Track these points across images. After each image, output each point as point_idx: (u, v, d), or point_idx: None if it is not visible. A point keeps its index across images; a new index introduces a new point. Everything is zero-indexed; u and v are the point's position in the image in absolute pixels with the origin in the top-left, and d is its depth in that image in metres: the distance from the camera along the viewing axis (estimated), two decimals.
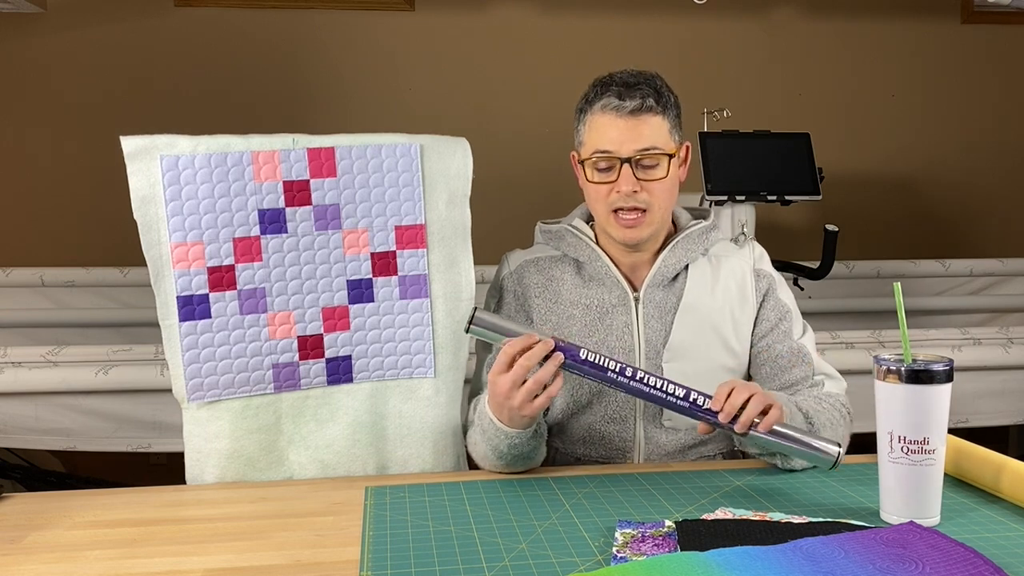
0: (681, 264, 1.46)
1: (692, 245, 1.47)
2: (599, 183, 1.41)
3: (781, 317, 1.47)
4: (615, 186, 1.39)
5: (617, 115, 1.38)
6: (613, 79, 1.41)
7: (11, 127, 3.35)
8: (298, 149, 1.35)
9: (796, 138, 2.83)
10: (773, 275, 1.51)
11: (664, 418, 1.43)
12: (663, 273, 1.45)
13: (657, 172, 1.39)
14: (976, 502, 1.18)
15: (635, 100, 1.37)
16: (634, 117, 1.37)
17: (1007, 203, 3.84)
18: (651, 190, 1.39)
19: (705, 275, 1.47)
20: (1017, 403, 2.52)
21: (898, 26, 3.72)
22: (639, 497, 1.21)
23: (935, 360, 1.08)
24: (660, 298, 1.45)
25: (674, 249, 1.46)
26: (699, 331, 1.44)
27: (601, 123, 1.39)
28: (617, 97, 1.38)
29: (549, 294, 1.48)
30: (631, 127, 1.37)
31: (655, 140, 1.38)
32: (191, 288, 1.32)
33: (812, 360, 1.45)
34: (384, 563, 1.01)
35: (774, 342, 1.46)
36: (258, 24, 3.43)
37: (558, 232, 1.52)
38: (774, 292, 1.49)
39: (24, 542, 1.10)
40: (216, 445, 1.36)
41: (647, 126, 1.38)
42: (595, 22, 3.56)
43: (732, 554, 0.96)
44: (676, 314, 1.44)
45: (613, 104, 1.38)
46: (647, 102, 1.38)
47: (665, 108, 1.40)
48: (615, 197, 1.39)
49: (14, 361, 2.20)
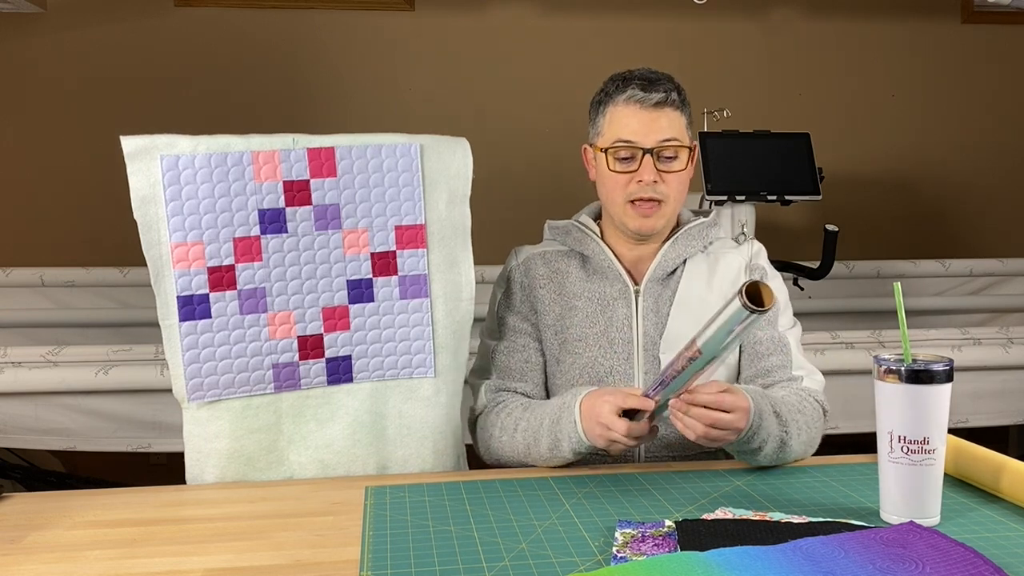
0: (680, 258, 1.50)
1: (692, 240, 1.51)
2: (620, 172, 1.45)
3: None
4: (636, 175, 1.44)
5: (641, 107, 1.43)
6: (634, 74, 1.46)
7: (11, 127, 3.35)
8: (298, 149, 1.35)
9: (796, 138, 2.83)
10: (767, 268, 1.54)
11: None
12: (663, 267, 1.49)
13: (676, 164, 1.45)
14: (976, 502, 1.18)
15: (659, 93, 1.43)
16: (657, 109, 1.43)
17: (1007, 203, 3.84)
18: (669, 182, 1.45)
19: (702, 270, 1.51)
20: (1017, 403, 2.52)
21: (898, 26, 3.72)
22: (639, 497, 1.21)
23: (935, 360, 1.08)
24: (658, 291, 1.49)
25: (675, 243, 1.50)
26: (694, 321, 1.45)
27: (624, 114, 1.44)
28: (641, 90, 1.43)
29: (554, 285, 1.52)
30: (653, 119, 1.43)
31: (675, 132, 1.44)
32: (191, 288, 1.32)
33: (791, 352, 1.47)
34: (384, 563, 1.01)
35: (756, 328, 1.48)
36: (258, 24, 3.43)
37: (564, 228, 1.56)
38: None
39: (24, 542, 1.10)
40: (216, 445, 1.36)
41: (668, 119, 1.44)
42: (595, 22, 3.56)
43: (732, 554, 0.96)
44: (672, 307, 1.48)
45: (637, 96, 1.43)
46: (670, 96, 1.44)
47: (683, 104, 1.47)
48: (635, 187, 1.44)
49: (14, 361, 2.20)
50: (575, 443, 1.31)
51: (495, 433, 1.42)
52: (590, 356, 1.47)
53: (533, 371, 1.51)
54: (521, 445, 1.38)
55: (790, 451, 1.32)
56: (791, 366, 1.46)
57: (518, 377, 1.50)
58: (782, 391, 1.42)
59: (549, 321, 1.51)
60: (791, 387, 1.43)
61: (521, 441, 1.38)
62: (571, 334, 1.48)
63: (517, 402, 1.45)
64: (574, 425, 1.31)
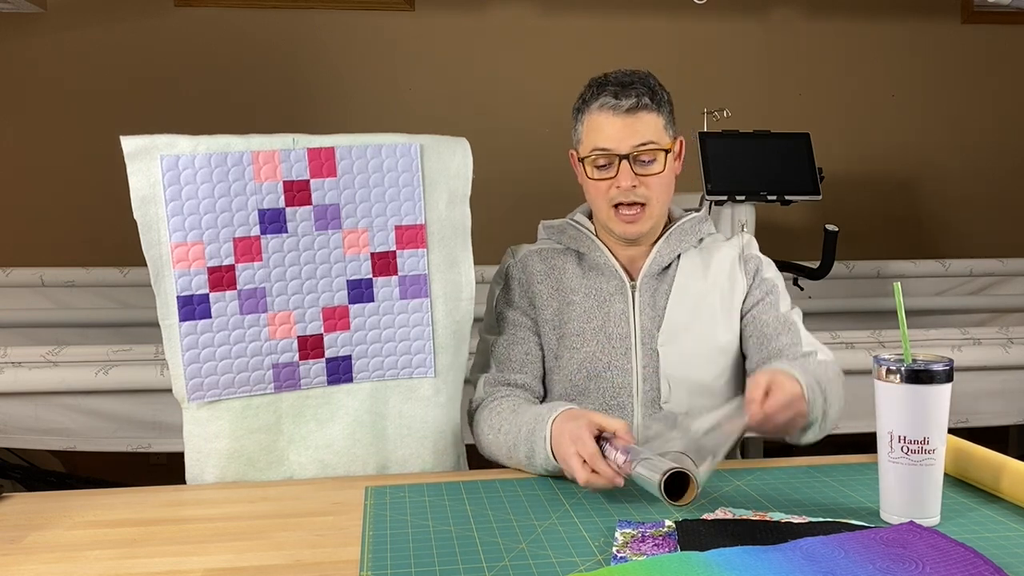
0: (675, 254, 1.52)
1: (685, 236, 1.53)
2: (599, 179, 1.47)
3: (767, 292, 1.53)
4: (614, 182, 1.45)
5: (614, 113, 1.44)
6: (608, 79, 1.47)
7: (11, 127, 3.35)
8: (298, 149, 1.35)
9: (796, 138, 2.83)
10: (760, 257, 1.57)
11: (662, 400, 1.46)
12: (658, 262, 1.51)
13: (654, 167, 1.45)
14: (976, 502, 1.18)
15: (631, 99, 1.43)
16: (630, 115, 1.43)
17: (1007, 203, 3.84)
18: (649, 184, 1.45)
19: (696, 264, 1.53)
20: (1017, 403, 2.52)
21: (898, 26, 3.72)
22: (639, 497, 1.21)
23: (935, 360, 1.08)
24: (654, 286, 1.51)
25: (668, 239, 1.52)
26: (692, 313, 1.50)
27: (599, 122, 1.45)
28: (613, 96, 1.43)
29: (552, 281, 1.53)
30: (627, 124, 1.43)
31: (651, 136, 1.44)
32: (191, 288, 1.32)
33: (799, 330, 1.49)
34: (384, 563, 1.01)
35: (759, 313, 1.51)
36: (258, 24, 3.43)
37: (560, 226, 1.58)
38: (760, 271, 1.55)
39: (24, 542, 1.10)
40: (216, 445, 1.36)
41: (643, 123, 1.44)
42: (595, 22, 3.56)
43: (732, 554, 0.96)
44: (668, 299, 1.49)
45: (610, 103, 1.44)
46: (642, 100, 1.44)
47: (659, 105, 1.46)
48: (615, 192, 1.45)
49: (14, 361, 2.20)
50: (543, 460, 1.28)
51: (484, 430, 1.42)
52: (588, 351, 1.47)
53: (533, 363, 1.50)
54: (504, 448, 1.36)
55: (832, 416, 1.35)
56: (801, 343, 1.47)
57: (518, 368, 1.49)
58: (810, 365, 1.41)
59: (547, 316, 1.51)
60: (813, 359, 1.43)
61: (504, 444, 1.36)
62: (569, 329, 1.49)
63: (508, 403, 1.41)
64: (544, 441, 1.27)
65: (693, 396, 1.47)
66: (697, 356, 1.48)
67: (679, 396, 1.46)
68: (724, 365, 1.50)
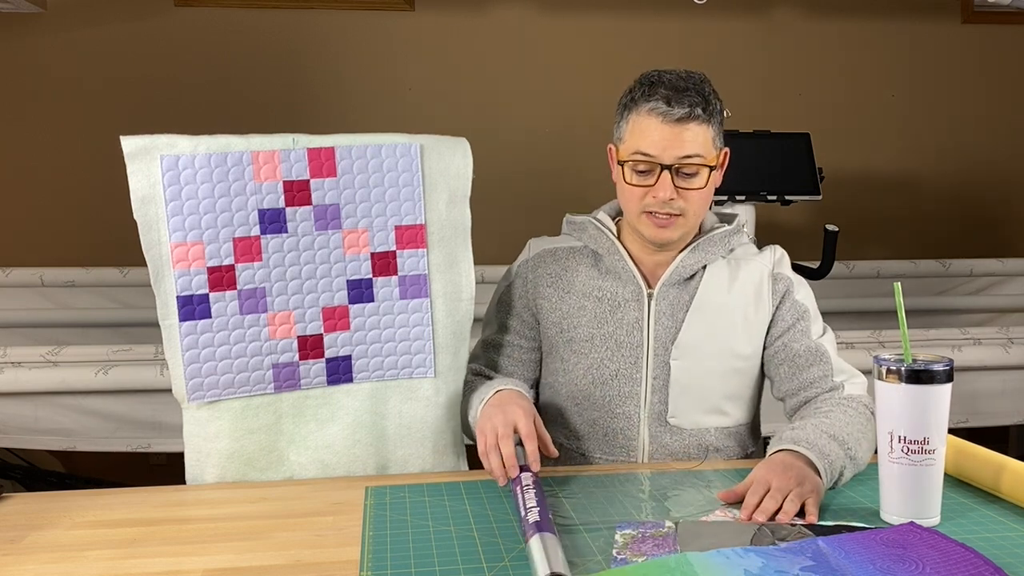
0: (700, 264, 1.46)
1: (713, 248, 1.46)
2: (636, 185, 1.39)
3: (798, 317, 1.46)
4: (652, 191, 1.38)
5: (663, 120, 1.36)
6: (662, 80, 1.38)
7: (11, 127, 3.35)
8: (298, 149, 1.35)
9: (796, 138, 2.83)
10: (792, 278, 1.49)
11: (669, 415, 1.44)
12: (680, 272, 1.45)
13: (696, 181, 1.38)
14: (976, 502, 1.18)
15: (683, 108, 1.35)
16: (680, 125, 1.35)
17: (1007, 203, 3.84)
18: (688, 198, 1.38)
19: (722, 276, 1.46)
20: (1017, 403, 2.52)
21: (898, 26, 3.72)
22: (639, 497, 1.21)
23: (935, 360, 1.08)
24: (674, 296, 1.45)
25: (694, 251, 1.45)
26: (710, 330, 1.44)
27: (646, 125, 1.37)
28: (665, 102, 1.35)
29: (562, 283, 1.50)
30: (675, 134, 1.36)
31: (698, 149, 1.37)
32: (191, 288, 1.32)
33: (831, 359, 1.43)
34: (384, 563, 1.01)
35: (791, 341, 1.44)
36: (258, 24, 3.43)
37: (582, 223, 1.52)
38: (791, 294, 1.47)
39: (24, 542, 1.10)
40: (216, 445, 1.36)
41: (691, 134, 1.36)
42: (595, 22, 3.55)
43: (732, 554, 0.96)
44: (688, 311, 1.44)
45: (660, 109, 1.35)
46: (695, 111, 1.36)
47: (711, 116, 1.39)
48: (650, 201, 1.39)
49: (14, 361, 2.20)
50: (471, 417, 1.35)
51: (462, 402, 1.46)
52: (596, 357, 1.45)
53: (517, 370, 1.53)
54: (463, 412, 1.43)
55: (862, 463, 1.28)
56: (832, 374, 1.42)
57: (504, 375, 1.51)
58: (825, 406, 1.36)
59: (554, 319, 1.49)
60: (832, 399, 1.38)
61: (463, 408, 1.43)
62: (578, 334, 1.47)
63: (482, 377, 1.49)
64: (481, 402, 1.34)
65: (701, 413, 1.44)
66: (711, 373, 1.43)
67: (687, 412, 1.43)
68: (738, 384, 1.46)
